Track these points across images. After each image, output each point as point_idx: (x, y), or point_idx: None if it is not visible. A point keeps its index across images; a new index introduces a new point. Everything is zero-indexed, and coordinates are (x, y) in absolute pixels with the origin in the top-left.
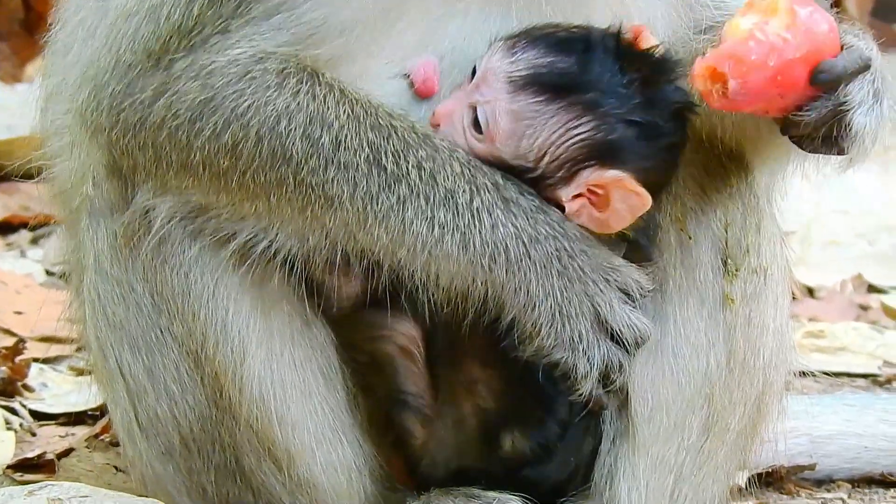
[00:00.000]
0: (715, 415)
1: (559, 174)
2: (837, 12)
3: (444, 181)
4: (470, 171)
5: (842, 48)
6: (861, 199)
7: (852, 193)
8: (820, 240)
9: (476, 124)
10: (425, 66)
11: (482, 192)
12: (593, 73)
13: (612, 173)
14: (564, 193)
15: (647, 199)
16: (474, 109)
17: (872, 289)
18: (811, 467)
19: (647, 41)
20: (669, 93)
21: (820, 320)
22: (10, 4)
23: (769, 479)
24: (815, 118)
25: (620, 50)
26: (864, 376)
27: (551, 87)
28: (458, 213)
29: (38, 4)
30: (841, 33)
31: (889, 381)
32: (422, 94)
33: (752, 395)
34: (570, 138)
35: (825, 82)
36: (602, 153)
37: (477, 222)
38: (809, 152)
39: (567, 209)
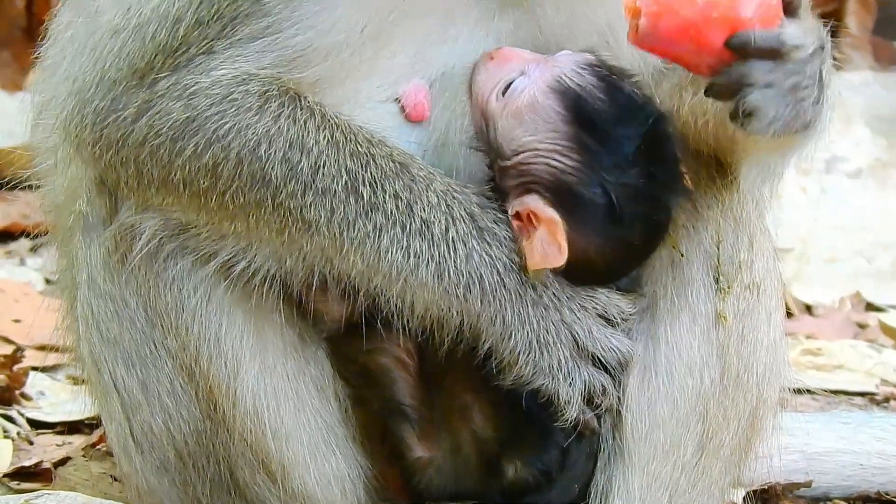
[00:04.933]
0: (709, 431)
1: (517, 181)
2: (837, 27)
3: (421, 211)
4: (446, 201)
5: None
6: (858, 215)
7: (850, 210)
8: (818, 257)
9: (507, 87)
10: (416, 90)
11: (458, 221)
12: (616, 131)
13: (552, 213)
14: (510, 204)
15: (562, 260)
16: (519, 75)
17: (870, 307)
18: (807, 484)
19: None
20: (661, 201)
21: (817, 338)
22: (11, 12)
23: (765, 496)
24: (719, 84)
25: (653, 138)
26: (862, 394)
27: (576, 110)
28: (433, 243)
29: (40, 12)
30: (793, 21)
31: (886, 399)
32: (413, 119)
33: (745, 410)
34: (550, 159)
35: (733, 47)
36: (561, 194)
37: (452, 252)
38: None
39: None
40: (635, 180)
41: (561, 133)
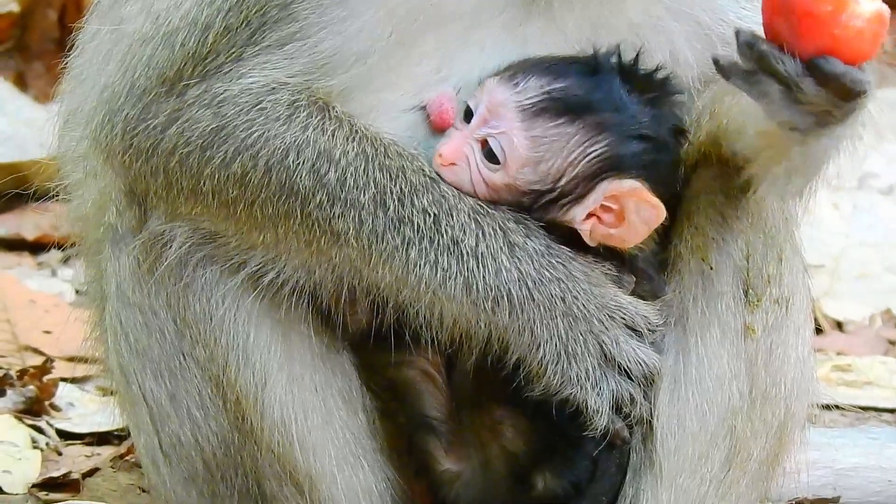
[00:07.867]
0: (737, 445)
1: (576, 191)
2: None
3: (450, 226)
4: (478, 216)
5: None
6: (890, 232)
7: (881, 227)
8: (848, 273)
9: (490, 156)
10: (441, 99)
11: (488, 237)
12: (605, 92)
13: (630, 183)
14: (579, 212)
15: (662, 211)
16: (484, 143)
17: None
18: (835, 500)
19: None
20: (672, 112)
21: (847, 354)
22: (44, 24)
23: None
24: (747, 70)
25: (625, 70)
26: (891, 411)
27: (567, 109)
28: (461, 258)
29: (72, 23)
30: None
31: None
32: (438, 127)
33: (773, 425)
34: (588, 156)
35: (813, 67)
36: (617, 166)
37: (481, 267)
38: None
39: (580, 230)
40: (649, 110)
41: (575, 133)
